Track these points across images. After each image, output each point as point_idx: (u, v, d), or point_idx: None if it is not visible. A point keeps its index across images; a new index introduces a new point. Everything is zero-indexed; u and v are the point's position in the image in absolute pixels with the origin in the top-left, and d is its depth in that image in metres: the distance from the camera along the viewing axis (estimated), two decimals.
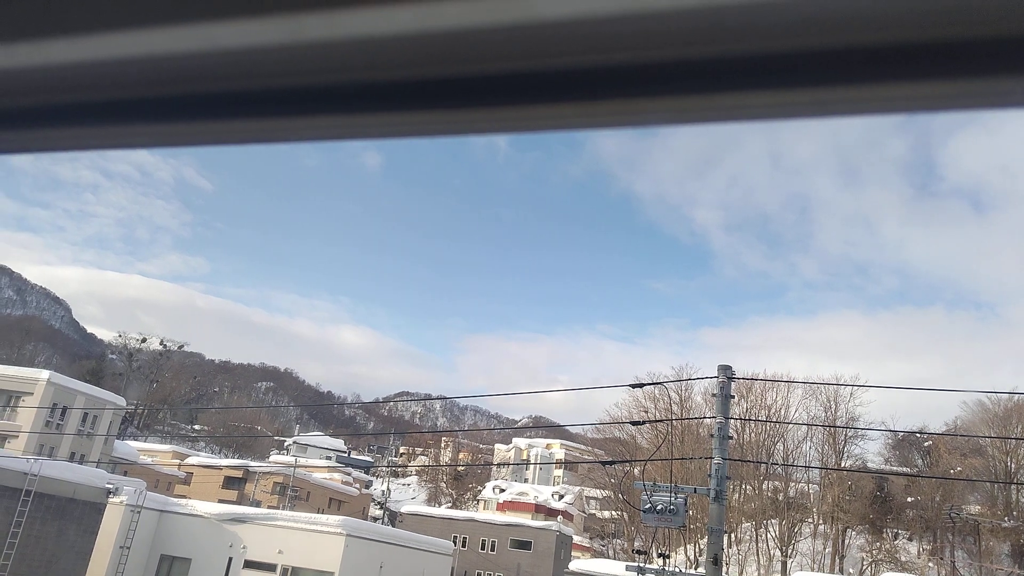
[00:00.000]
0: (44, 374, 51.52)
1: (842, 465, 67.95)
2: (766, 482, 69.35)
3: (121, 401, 59.27)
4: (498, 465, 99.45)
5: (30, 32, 0.62)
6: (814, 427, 67.90)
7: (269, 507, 53.59)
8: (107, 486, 30.24)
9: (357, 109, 0.62)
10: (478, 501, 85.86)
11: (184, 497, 44.48)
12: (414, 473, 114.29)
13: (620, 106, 0.55)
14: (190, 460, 73.25)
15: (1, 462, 26.00)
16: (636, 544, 65.06)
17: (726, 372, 16.26)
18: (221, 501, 49.85)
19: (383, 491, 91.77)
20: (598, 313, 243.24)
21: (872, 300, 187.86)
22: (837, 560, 65.83)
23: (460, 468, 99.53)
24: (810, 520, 68.55)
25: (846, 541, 67.48)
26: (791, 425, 66.76)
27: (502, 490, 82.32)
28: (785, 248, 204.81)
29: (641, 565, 21.05)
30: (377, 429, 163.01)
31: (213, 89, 0.64)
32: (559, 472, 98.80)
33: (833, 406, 68.86)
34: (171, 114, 0.67)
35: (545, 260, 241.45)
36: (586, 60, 0.52)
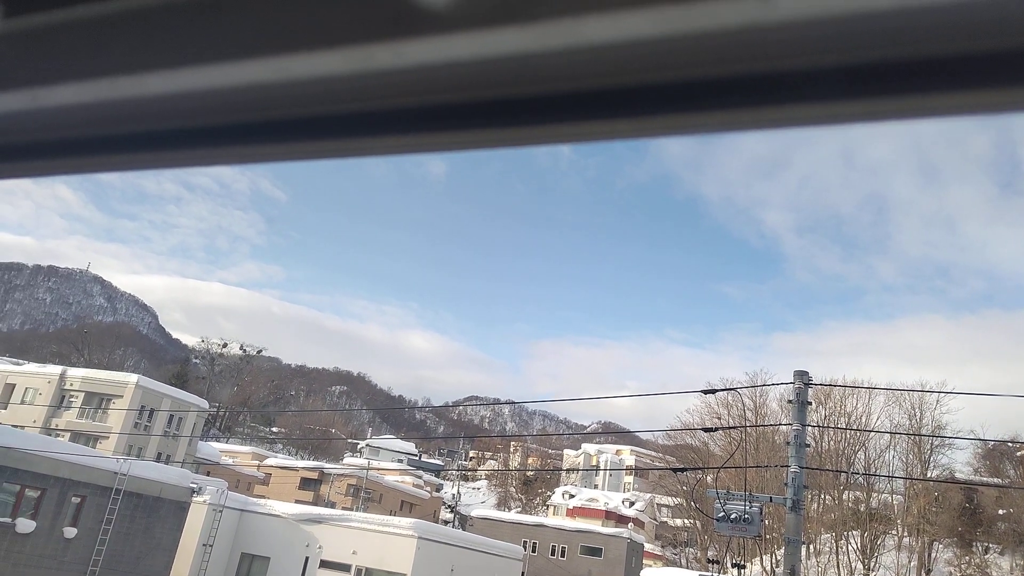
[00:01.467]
0: (133, 378, 53.91)
1: (928, 475, 65.05)
2: (846, 492, 66.99)
3: (204, 404, 61.32)
4: (567, 470, 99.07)
5: (134, 67, 0.69)
6: (897, 435, 65.30)
7: (343, 508, 54.71)
8: (191, 486, 31.29)
9: (419, 128, 0.67)
10: (548, 506, 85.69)
11: (263, 497, 45.79)
12: (484, 477, 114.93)
13: (672, 120, 0.58)
14: (268, 461, 75.26)
15: (94, 462, 27.30)
16: (710, 553, 63.72)
17: (803, 378, 15.79)
18: (298, 502, 51.17)
19: (453, 495, 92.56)
20: (667, 318, 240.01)
21: (955, 303, 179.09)
22: (923, 574, 63.01)
23: (529, 473, 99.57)
24: (894, 532, 65.90)
25: (933, 555, 64.55)
26: (872, 433, 64.39)
27: (572, 496, 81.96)
28: (861, 250, 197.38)
29: (715, 575, 20.61)
30: (447, 433, 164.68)
31: (289, 115, 0.71)
32: (629, 479, 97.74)
33: (918, 414, 66.05)
34: (253, 137, 0.74)
35: (610, 265, 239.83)
36: (627, 79, 0.55)
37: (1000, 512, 65.89)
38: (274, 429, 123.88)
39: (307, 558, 35.62)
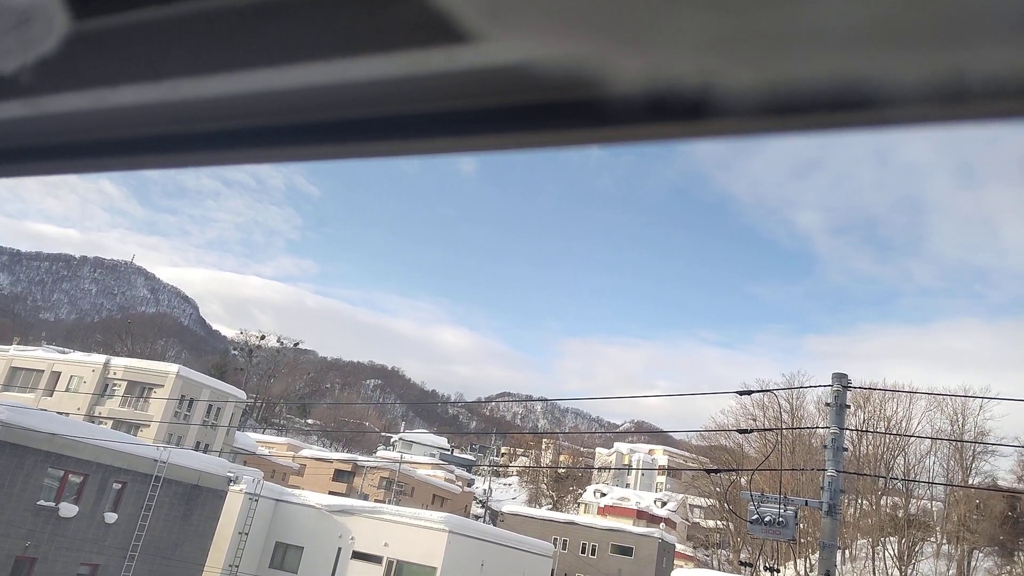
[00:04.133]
0: (174, 368, 54.92)
1: (969, 482, 63.56)
2: (885, 497, 65.76)
3: (242, 395, 62.08)
4: (599, 469, 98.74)
5: (195, 69, 0.71)
6: (939, 441, 63.92)
7: (376, 501, 55.21)
8: (228, 475, 31.76)
9: (448, 132, 0.68)
10: (579, 504, 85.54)
11: (297, 488, 46.38)
12: (515, 473, 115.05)
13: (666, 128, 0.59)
14: (303, 452, 76.20)
15: (135, 449, 27.90)
16: (742, 556, 63.07)
17: (841, 380, 15.51)
18: (331, 493, 51.70)
19: (485, 490, 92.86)
20: (698, 318, 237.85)
21: (994, 308, 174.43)
22: None
23: (561, 470, 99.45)
24: (932, 539, 64.54)
25: (972, 563, 63.06)
26: (913, 438, 63.09)
27: (603, 494, 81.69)
28: (895, 252, 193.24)
29: None
30: (479, 428, 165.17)
31: (333, 117, 0.72)
32: (661, 478, 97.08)
33: (960, 419, 64.65)
34: (290, 138, 0.76)
35: (641, 264, 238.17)
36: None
37: None
38: (309, 421, 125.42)
39: (340, 549, 35.96)
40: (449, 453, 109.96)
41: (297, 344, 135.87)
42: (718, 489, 67.31)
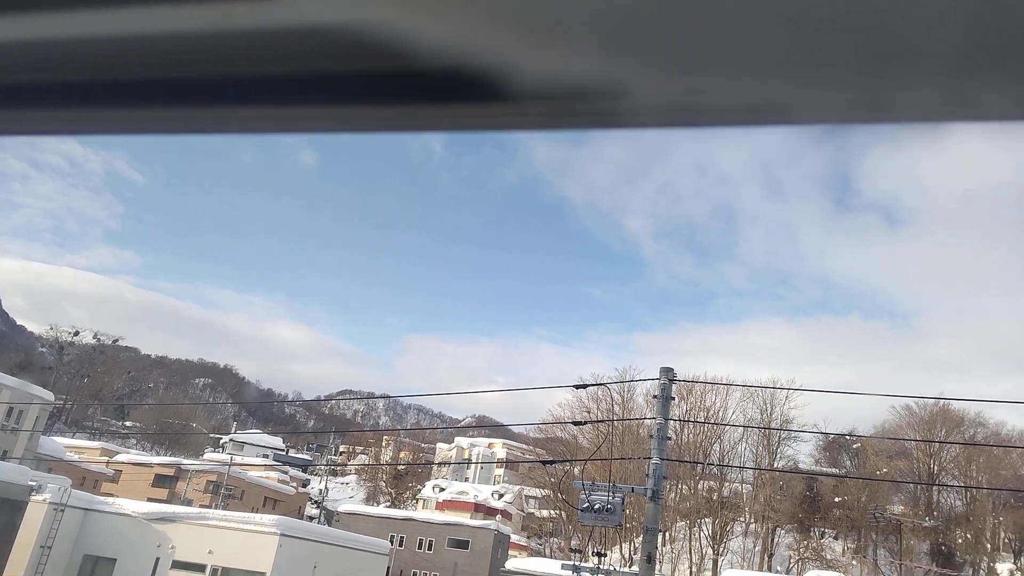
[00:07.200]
0: None
1: (775, 466, 69.78)
2: (702, 482, 70.71)
3: (49, 396, 57.32)
4: (439, 464, 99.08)
5: None
6: (750, 429, 69.62)
7: (201, 506, 52.33)
8: (30, 483, 29.25)
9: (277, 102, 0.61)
10: (418, 500, 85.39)
11: (111, 496, 43.16)
12: (353, 472, 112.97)
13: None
14: (119, 457, 71.23)
15: None
16: (573, 543, 65.61)
17: (668, 374, 16.49)
18: (151, 500, 48.45)
19: (320, 490, 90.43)
20: (535, 316, 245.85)
21: (794, 308, 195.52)
22: (766, 558, 67.61)
23: (400, 467, 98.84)
24: (742, 519, 70.22)
25: (775, 540, 69.31)
26: (728, 427, 68.30)
27: (442, 489, 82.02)
28: (712, 256, 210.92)
29: (576, 564, 21.25)
30: (318, 427, 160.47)
31: (142, 75, 0.61)
32: (500, 471, 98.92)
33: (769, 409, 70.68)
34: (97, 100, 0.64)
35: (481, 263, 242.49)
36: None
37: (836, 500, 71.78)
38: (128, 423, 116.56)
39: (158, 559, 33.92)
40: (284, 453, 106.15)
41: (116, 340, 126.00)
42: (553, 480, 69.63)
